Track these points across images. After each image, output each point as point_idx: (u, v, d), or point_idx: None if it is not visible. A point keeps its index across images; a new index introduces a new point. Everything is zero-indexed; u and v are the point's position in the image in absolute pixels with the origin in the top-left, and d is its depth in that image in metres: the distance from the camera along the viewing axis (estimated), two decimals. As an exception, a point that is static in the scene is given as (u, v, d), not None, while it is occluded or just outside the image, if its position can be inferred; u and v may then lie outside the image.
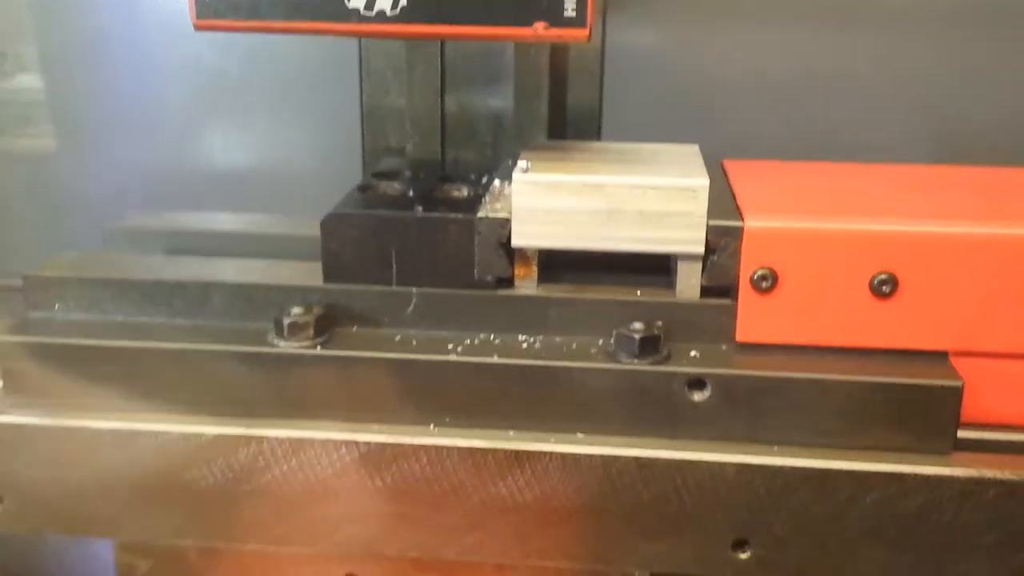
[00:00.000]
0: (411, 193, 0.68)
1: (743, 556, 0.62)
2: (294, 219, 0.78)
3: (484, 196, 0.67)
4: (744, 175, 0.70)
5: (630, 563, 0.63)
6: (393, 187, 0.70)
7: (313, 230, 0.66)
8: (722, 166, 0.73)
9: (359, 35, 0.62)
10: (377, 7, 0.58)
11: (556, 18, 0.57)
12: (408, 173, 0.73)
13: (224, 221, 0.79)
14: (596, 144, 0.72)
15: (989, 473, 0.59)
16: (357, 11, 0.58)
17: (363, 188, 0.69)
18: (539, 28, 0.57)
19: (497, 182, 0.70)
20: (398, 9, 0.58)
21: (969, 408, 0.62)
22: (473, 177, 0.72)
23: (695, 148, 0.70)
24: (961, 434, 0.62)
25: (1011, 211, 0.64)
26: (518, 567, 0.64)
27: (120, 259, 0.70)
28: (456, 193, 0.69)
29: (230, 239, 0.77)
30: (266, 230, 0.77)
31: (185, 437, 0.62)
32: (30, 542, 0.77)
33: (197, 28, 0.60)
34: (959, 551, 0.60)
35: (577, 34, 0.57)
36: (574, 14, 0.57)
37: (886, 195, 0.67)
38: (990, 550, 0.60)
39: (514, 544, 0.63)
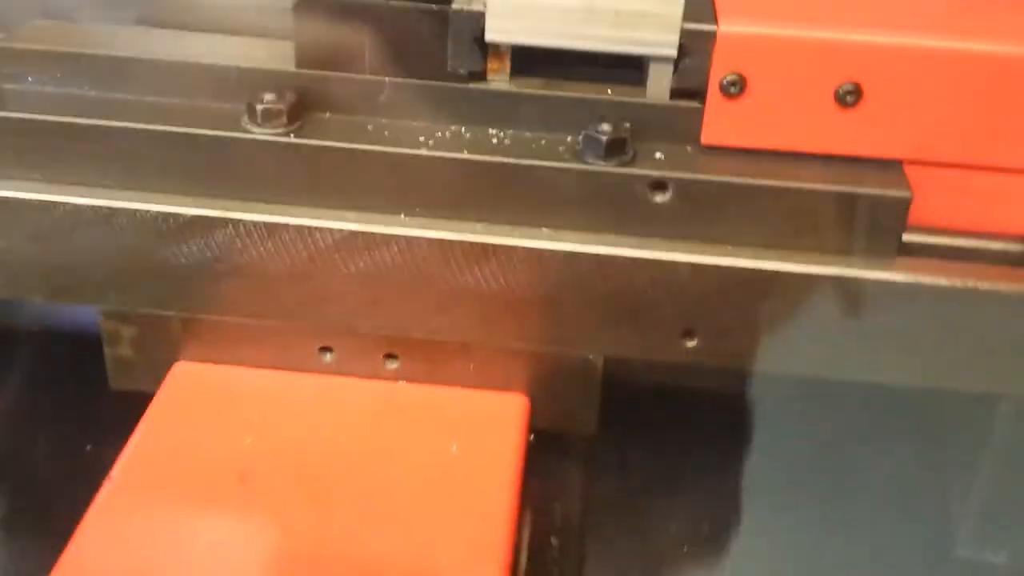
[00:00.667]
0: (387, -22, 0.67)
1: (690, 344, 0.66)
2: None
3: (461, -14, 0.66)
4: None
5: (586, 347, 0.68)
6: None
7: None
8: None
9: None
10: None
11: None
12: None
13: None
14: None
15: (925, 279, 0.63)
16: None
17: (337, -31, 0.68)
18: None
19: (475, -35, 0.68)
20: None
21: (920, 213, 0.65)
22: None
23: None
24: (909, 237, 0.65)
25: (982, 22, 0.64)
26: (483, 347, 0.68)
27: (93, 31, 0.69)
28: (433, -22, 0.68)
29: (203, 10, 0.75)
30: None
31: (164, 216, 0.64)
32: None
33: None
34: (893, 348, 0.65)
35: None
36: None
37: (862, 2, 0.66)
38: (923, 348, 0.65)
39: (479, 326, 0.67)
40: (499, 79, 0.65)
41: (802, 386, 0.71)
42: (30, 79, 0.67)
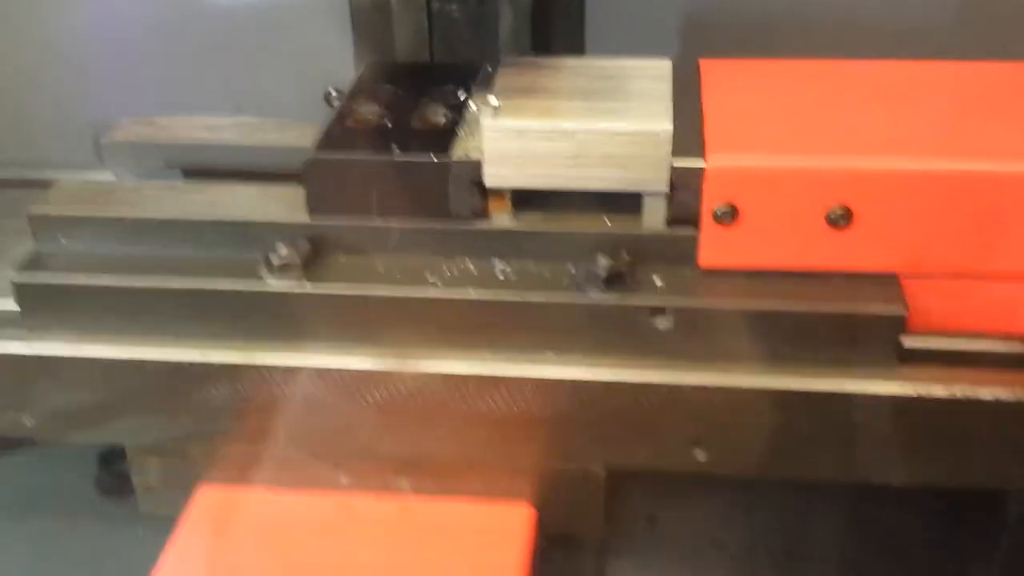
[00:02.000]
0: (389, 124, 0.70)
1: (700, 455, 0.68)
2: (283, 125, 0.81)
3: (460, 125, 0.69)
4: (716, 87, 0.71)
5: (597, 462, 0.71)
6: (372, 112, 0.72)
7: (302, 141, 0.70)
8: (698, 71, 0.74)
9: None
10: None
11: None
12: (388, 90, 0.74)
13: (217, 129, 0.81)
14: (569, 64, 0.73)
15: (924, 390, 0.64)
16: None
17: (342, 116, 0.72)
18: None
19: (473, 105, 0.71)
20: None
21: (920, 319, 0.67)
22: (452, 91, 0.73)
23: (667, 68, 0.71)
24: (910, 343, 0.67)
25: (963, 140, 0.65)
26: (490, 463, 0.71)
27: (119, 190, 0.74)
28: (433, 117, 0.71)
29: (224, 151, 0.79)
30: (258, 141, 0.80)
31: (191, 365, 0.68)
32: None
33: None
34: (897, 452, 0.67)
35: None
36: None
37: (849, 119, 0.68)
38: (928, 455, 0.66)
39: (490, 448, 0.70)
40: (501, 217, 0.68)
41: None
42: (63, 241, 0.71)
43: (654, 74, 0.70)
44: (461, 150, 0.67)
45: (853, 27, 0.94)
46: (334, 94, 0.91)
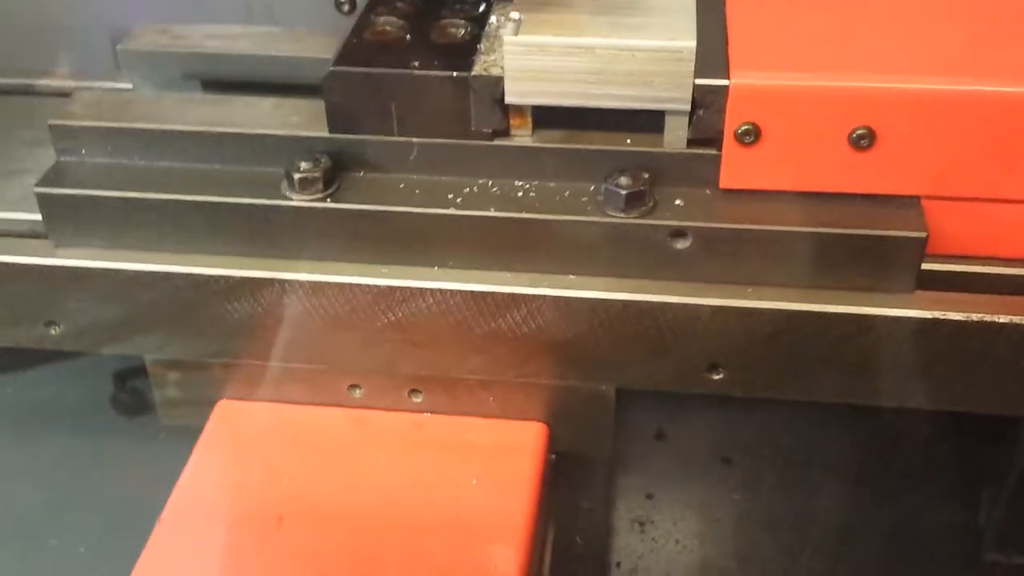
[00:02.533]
0: (408, 37, 0.70)
1: (716, 376, 0.69)
2: (300, 34, 0.80)
3: (481, 39, 0.68)
4: (741, 3, 0.70)
5: (615, 382, 0.72)
6: (391, 24, 0.71)
7: (320, 52, 0.71)
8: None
9: None
10: None
11: None
12: (406, 3, 0.73)
13: (233, 38, 0.81)
14: None
15: (941, 314, 0.65)
16: None
17: (360, 28, 0.71)
18: None
19: (493, 19, 0.70)
20: None
21: (940, 242, 0.67)
22: (472, 2, 0.72)
23: None
24: (928, 265, 0.67)
25: (987, 60, 0.64)
26: (503, 381, 0.72)
27: (138, 101, 0.73)
28: (453, 30, 0.70)
29: (242, 62, 0.79)
30: (275, 51, 0.79)
31: (215, 278, 0.69)
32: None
33: None
34: (911, 376, 0.67)
35: None
36: None
37: (875, 36, 0.67)
38: (939, 377, 0.67)
39: (511, 365, 0.71)
40: (522, 134, 0.68)
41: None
42: (84, 152, 0.71)
43: (680, -10, 0.69)
44: (481, 65, 0.66)
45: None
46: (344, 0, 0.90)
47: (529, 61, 0.64)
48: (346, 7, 0.95)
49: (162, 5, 1.00)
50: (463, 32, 0.70)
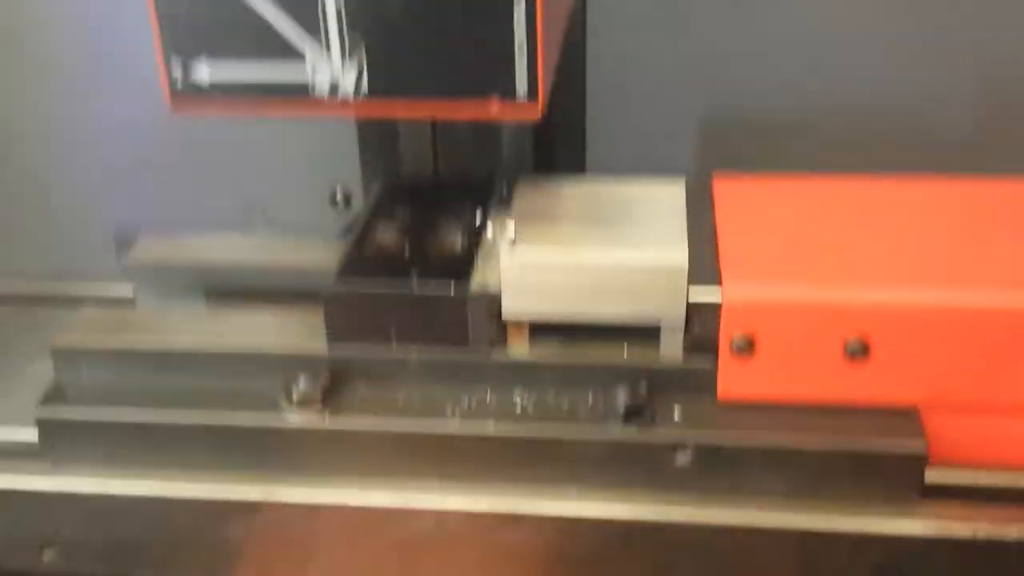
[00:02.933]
0: (407, 251, 0.71)
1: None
2: (302, 244, 0.82)
3: (478, 252, 0.70)
4: (730, 209, 0.72)
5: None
6: (390, 236, 0.73)
7: (319, 261, 0.73)
8: (711, 190, 0.75)
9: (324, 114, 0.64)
10: (341, 91, 0.60)
11: (508, 94, 0.60)
12: (404, 211, 0.75)
13: (237, 249, 0.82)
14: (583, 187, 0.73)
15: (946, 530, 0.64)
16: (322, 95, 0.61)
17: (360, 243, 0.72)
18: (494, 104, 0.59)
19: (489, 229, 0.72)
20: (360, 93, 0.60)
21: (941, 451, 0.66)
22: (469, 211, 0.74)
23: (681, 189, 0.71)
24: (932, 476, 0.66)
25: (992, 269, 0.65)
26: None
27: (140, 318, 0.74)
28: (451, 243, 0.72)
29: (245, 273, 0.80)
30: (277, 262, 0.80)
31: (210, 503, 0.68)
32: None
33: (177, 113, 0.62)
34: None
35: (530, 111, 0.60)
36: (525, 92, 0.59)
37: (866, 245, 0.68)
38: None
39: (513, 580, 0.69)
40: (519, 348, 0.68)
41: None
42: (84, 373, 0.72)
43: (669, 198, 0.71)
44: (479, 281, 0.68)
45: (870, 130, 0.95)
46: (340, 196, 0.93)
47: (526, 279, 0.65)
48: (340, 205, 0.98)
49: (163, 206, 1.03)
50: (460, 244, 0.72)
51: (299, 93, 0.61)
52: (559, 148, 0.80)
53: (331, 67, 0.59)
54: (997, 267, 0.65)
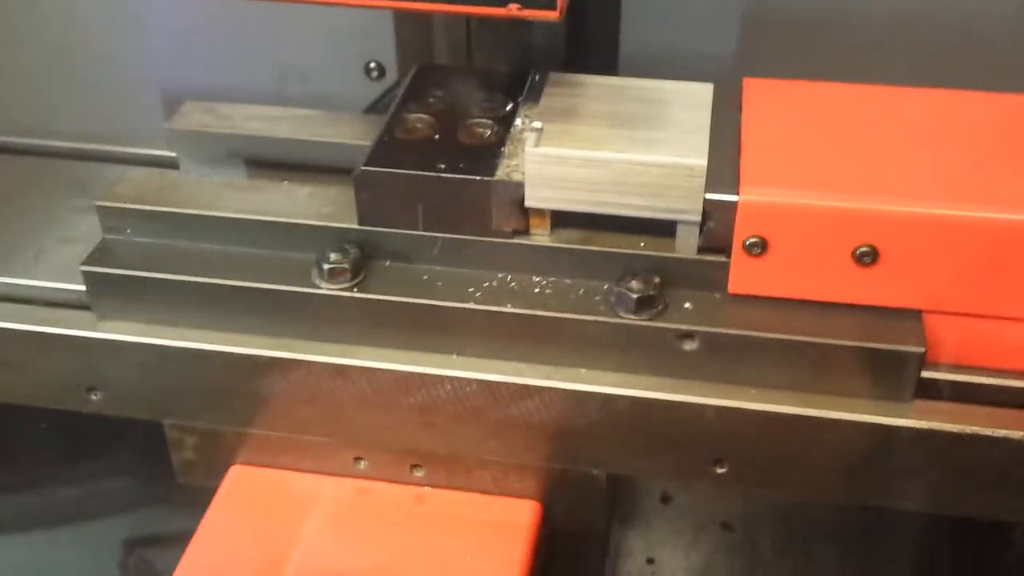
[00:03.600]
0: (436, 136, 0.73)
1: (720, 470, 0.72)
2: (337, 118, 0.85)
3: (505, 141, 0.72)
4: (756, 113, 0.73)
5: (622, 469, 0.75)
6: (421, 122, 0.75)
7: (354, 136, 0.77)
8: (740, 90, 0.76)
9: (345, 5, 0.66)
10: None
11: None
12: (437, 97, 0.77)
13: (275, 121, 0.85)
14: (612, 84, 0.75)
15: (937, 426, 0.67)
16: None
17: (392, 125, 0.75)
18: (512, 8, 0.61)
19: (518, 121, 0.74)
20: None
21: (939, 352, 0.69)
22: (500, 100, 0.76)
23: (708, 94, 0.73)
24: (928, 373, 0.69)
25: (1004, 183, 0.67)
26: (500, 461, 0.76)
27: (182, 184, 0.78)
28: (480, 132, 0.74)
29: (282, 145, 0.83)
30: (313, 135, 0.83)
31: (247, 357, 0.73)
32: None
33: None
34: (906, 481, 0.70)
35: (548, 14, 0.62)
36: None
37: (884, 154, 0.70)
38: (933, 484, 0.70)
39: (525, 449, 0.74)
40: (540, 234, 0.71)
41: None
42: (129, 231, 0.76)
43: (695, 101, 0.72)
44: (504, 169, 0.70)
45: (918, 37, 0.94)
46: (373, 66, 0.95)
47: (548, 170, 0.68)
48: (375, 73, 1.00)
49: (203, 69, 1.06)
50: (489, 133, 0.74)
51: None
52: (593, 40, 0.81)
53: None
54: (1004, 184, 0.67)
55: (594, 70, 0.78)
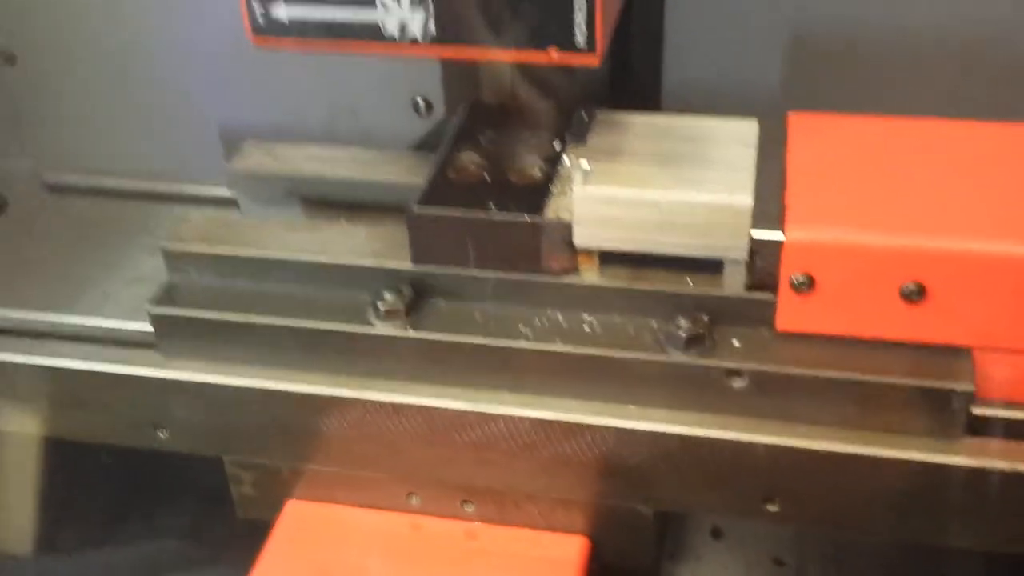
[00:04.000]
0: (486, 176, 0.75)
1: (771, 508, 0.73)
2: (394, 157, 0.87)
3: (554, 180, 0.74)
4: (802, 148, 0.74)
5: (672, 506, 0.76)
6: (472, 161, 0.77)
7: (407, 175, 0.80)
8: (786, 125, 0.77)
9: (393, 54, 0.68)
10: (409, 33, 0.64)
11: (567, 45, 0.63)
12: (486, 136, 0.79)
13: (333, 162, 0.87)
14: (656, 123, 0.76)
15: (988, 463, 0.67)
16: (392, 36, 0.65)
17: (443, 164, 0.77)
18: (552, 53, 0.63)
19: (566, 160, 0.76)
20: (427, 36, 0.65)
21: (990, 388, 0.69)
22: (547, 139, 0.78)
23: (753, 131, 0.74)
24: (979, 410, 0.69)
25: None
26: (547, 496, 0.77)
27: (241, 226, 0.81)
28: (529, 170, 0.76)
29: (339, 185, 0.85)
30: (370, 175, 0.85)
31: (308, 396, 0.76)
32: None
33: (256, 45, 0.67)
34: (958, 519, 0.70)
35: (588, 59, 0.63)
36: (584, 43, 0.62)
37: (931, 190, 0.70)
38: (988, 519, 0.69)
39: (577, 486, 0.75)
40: (589, 272, 0.73)
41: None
42: (192, 272, 0.79)
43: (740, 138, 0.73)
44: (553, 209, 0.72)
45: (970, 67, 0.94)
46: (421, 103, 0.97)
47: (596, 210, 0.69)
48: (423, 109, 1.03)
49: (258, 107, 1.09)
50: (538, 171, 0.75)
51: (370, 33, 0.65)
52: (637, 72, 0.82)
53: (400, 11, 0.63)
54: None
55: (639, 102, 0.79)
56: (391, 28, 0.65)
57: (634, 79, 0.87)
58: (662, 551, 0.81)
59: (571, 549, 0.77)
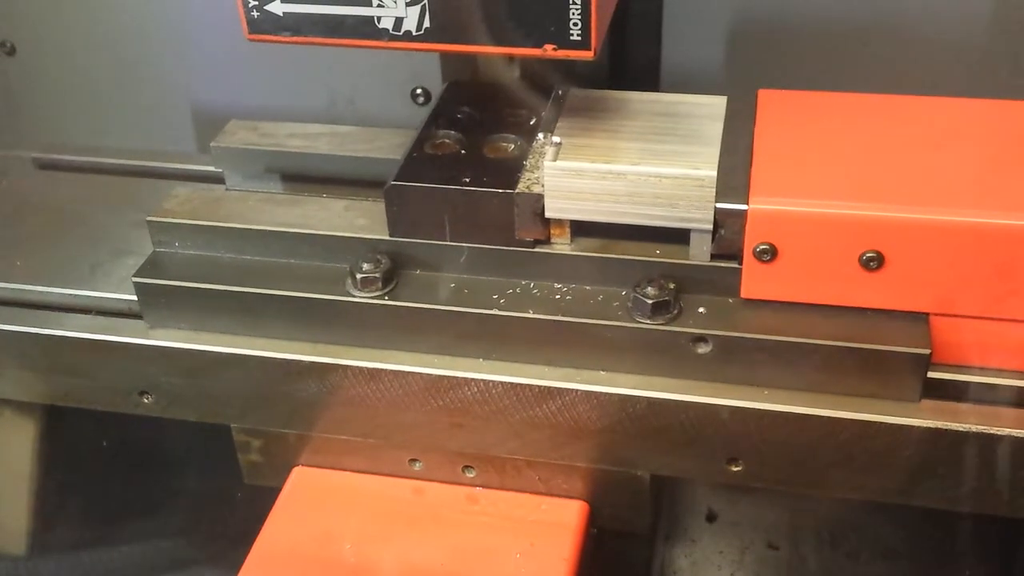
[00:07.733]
0: (462, 151, 0.78)
1: (735, 468, 0.75)
2: (373, 134, 0.89)
3: (527, 156, 0.76)
4: (770, 123, 0.76)
5: (640, 467, 0.78)
6: (449, 138, 0.79)
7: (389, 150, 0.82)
8: (755, 102, 0.79)
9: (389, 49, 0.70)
10: (404, 28, 0.66)
11: (563, 41, 0.64)
12: (465, 113, 0.81)
13: (313, 138, 0.89)
14: (628, 100, 0.78)
15: (944, 424, 0.70)
16: (387, 30, 0.67)
17: (421, 141, 0.79)
18: (548, 49, 0.64)
19: (540, 136, 0.78)
20: (422, 30, 0.66)
21: (945, 353, 0.72)
22: (525, 116, 0.80)
23: (722, 107, 0.76)
24: (935, 373, 0.72)
25: (997, 189, 0.69)
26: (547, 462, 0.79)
27: (225, 200, 0.83)
28: (504, 146, 0.78)
29: (319, 160, 0.88)
30: (348, 151, 0.87)
31: (286, 362, 0.78)
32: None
33: (250, 40, 0.69)
34: (916, 478, 0.72)
35: (583, 54, 0.64)
36: (579, 38, 0.64)
37: (892, 162, 0.72)
38: (943, 477, 0.72)
39: (549, 449, 0.78)
40: (561, 243, 0.75)
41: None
42: (177, 244, 0.81)
43: (709, 113, 0.76)
44: (525, 183, 0.74)
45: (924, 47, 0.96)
46: (419, 92, 1.00)
47: (566, 182, 0.72)
48: (421, 99, 1.05)
49: (257, 92, 1.11)
50: (512, 148, 0.78)
51: (365, 27, 0.67)
52: (634, 60, 0.84)
53: (395, 6, 0.65)
54: (1006, 189, 0.69)
55: (636, 88, 0.81)
56: (386, 23, 0.67)
57: (632, 66, 0.89)
58: (659, 517, 0.83)
59: (570, 513, 0.80)
